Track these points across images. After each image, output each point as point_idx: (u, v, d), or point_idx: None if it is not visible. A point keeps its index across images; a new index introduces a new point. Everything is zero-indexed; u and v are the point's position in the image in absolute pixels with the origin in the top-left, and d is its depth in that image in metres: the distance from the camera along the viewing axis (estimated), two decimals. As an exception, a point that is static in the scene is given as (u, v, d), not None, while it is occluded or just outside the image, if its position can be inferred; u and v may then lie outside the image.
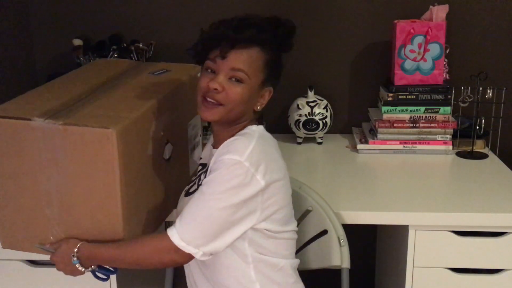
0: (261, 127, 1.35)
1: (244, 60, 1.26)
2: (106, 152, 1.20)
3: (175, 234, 1.22)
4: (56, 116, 1.24)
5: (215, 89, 1.25)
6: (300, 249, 1.54)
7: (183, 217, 1.23)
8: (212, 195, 1.21)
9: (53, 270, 1.60)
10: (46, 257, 1.60)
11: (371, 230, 2.25)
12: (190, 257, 1.23)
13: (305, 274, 1.45)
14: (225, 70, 1.26)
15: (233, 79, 1.26)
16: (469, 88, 1.94)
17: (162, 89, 1.44)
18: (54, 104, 1.31)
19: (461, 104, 1.95)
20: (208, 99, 1.27)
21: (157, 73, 1.55)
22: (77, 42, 2.11)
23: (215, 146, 1.37)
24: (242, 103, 1.28)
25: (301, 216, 1.54)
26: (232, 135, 1.31)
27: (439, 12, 1.97)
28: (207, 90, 1.26)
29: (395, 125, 2.00)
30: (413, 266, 1.56)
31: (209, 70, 1.28)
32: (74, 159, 1.24)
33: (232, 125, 1.32)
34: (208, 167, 1.34)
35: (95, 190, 1.25)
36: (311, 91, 2.06)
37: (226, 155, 1.23)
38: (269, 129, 1.38)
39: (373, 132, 2.06)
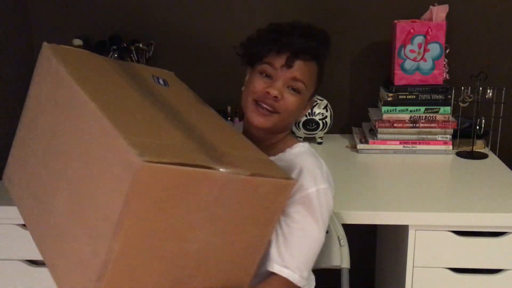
0: (307, 144, 1.37)
1: (305, 72, 1.26)
2: (277, 202, 1.13)
3: (300, 280, 1.22)
4: (221, 162, 1.03)
5: (275, 96, 1.24)
6: (300, 249, 1.54)
7: (298, 259, 1.22)
8: (315, 230, 1.23)
9: (53, 270, 1.60)
10: (46, 257, 1.61)
11: (371, 230, 2.25)
12: None
13: (305, 274, 1.45)
14: (286, 78, 1.24)
15: (290, 88, 1.25)
16: (469, 88, 1.94)
17: (214, 114, 1.37)
18: (181, 141, 1.05)
19: (461, 104, 1.95)
20: (264, 105, 1.25)
21: (161, 83, 1.36)
22: (77, 42, 2.11)
23: None
24: (294, 113, 1.29)
25: (301, 216, 1.54)
26: (273, 144, 1.33)
27: (439, 12, 1.96)
28: (264, 95, 1.24)
29: (395, 125, 2.00)
30: (413, 266, 1.56)
31: (264, 75, 1.26)
32: (239, 212, 1.08)
33: (275, 133, 1.32)
34: None
35: (246, 242, 1.13)
36: (311, 91, 2.06)
37: (313, 187, 1.23)
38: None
39: (373, 132, 2.06)
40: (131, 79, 1.24)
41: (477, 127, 1.95)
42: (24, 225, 1.58)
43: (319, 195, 1.24)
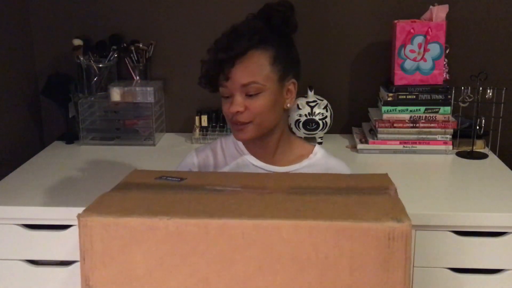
0: (318, 145, 1.40)
1: (249, 72, 1.22)
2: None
3: None
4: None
5: (238, 111, 1.23)
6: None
7: None
8: None
9: (53, 270, 1.60)
10: (46, 257, 1.61)
11: (371, 230, 2.25)
12: None
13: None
14: (237, 89, 1.23)
15: (249, 94, 1.23)
16: (469, 88, 1.94)
17: None
18: None
19: (461, 104, 1.95)
20: (237, 122, 1.26)
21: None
22: (77, 42, 2.11)
23: (270, 161, 1.34)
24: (268, 112, 1.25)
25: (301, 216, 1.54)
26: (287, 151, 1.34)
27: (439, 12, 1.96)
28: (231, 115, 1.25)
29: (395, 125, 2.00)
30: (413, 266, 1.56)
31: (225, 96, 1.26)
32: None
33: (272, 133, 1.31)
34: None
35: None
36: (311, 91, 2.06)
37: None
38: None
39: (373, 132, 2.06)
40: None
41: (477, 127, 1.95)
42: (25, 225, 1.58)
43: None
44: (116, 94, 2.08)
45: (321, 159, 1.36)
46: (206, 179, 1.15)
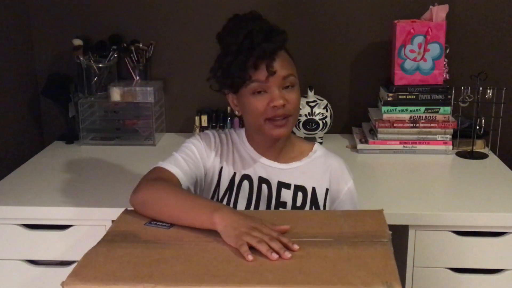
0: (317, 143, 1.44)
1: (285, 64, 1.25)
2: None
3: None
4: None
5: (283, 105, 1.24)
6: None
7: None
8: None
9: (53, 270, 1.60)
10: (46, 257, 1.61)
11: (371, 230, 2.25)
12: None
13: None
14: (278, 82, 1.24)
15: (286, 87, 1.25)
16: (469, 88, 1.94)
17: None
18: None
19: (461, 104, 1.95)
20: (277, 118, 1.25)
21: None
22: (77, 42, 2.11)
23: (275, 158, 1.35)
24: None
25: (301, 216, 1.54)
26: (288, 149, 1.36)
27: (439, 12, 1.96)
28: (272, 110, 1.24)
29: (395, 125, 2.00)
30: (413, 266, 1.56)
31: (257, 92, 1.25)
32: None
33: None
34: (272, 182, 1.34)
35: None
36: (311, 91, 2.06)
37: (350, 179, 1.39)
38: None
39: (373, 132, 2.06)
40: None
41: (477, 127, 1.95)
42: (25, 225, 1.58)
43: (354, 187, 1.39)
44: (116, 94, 2.08)
45: (320, 156, 1.39)
46: None
